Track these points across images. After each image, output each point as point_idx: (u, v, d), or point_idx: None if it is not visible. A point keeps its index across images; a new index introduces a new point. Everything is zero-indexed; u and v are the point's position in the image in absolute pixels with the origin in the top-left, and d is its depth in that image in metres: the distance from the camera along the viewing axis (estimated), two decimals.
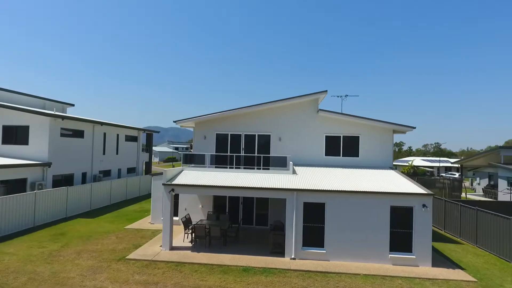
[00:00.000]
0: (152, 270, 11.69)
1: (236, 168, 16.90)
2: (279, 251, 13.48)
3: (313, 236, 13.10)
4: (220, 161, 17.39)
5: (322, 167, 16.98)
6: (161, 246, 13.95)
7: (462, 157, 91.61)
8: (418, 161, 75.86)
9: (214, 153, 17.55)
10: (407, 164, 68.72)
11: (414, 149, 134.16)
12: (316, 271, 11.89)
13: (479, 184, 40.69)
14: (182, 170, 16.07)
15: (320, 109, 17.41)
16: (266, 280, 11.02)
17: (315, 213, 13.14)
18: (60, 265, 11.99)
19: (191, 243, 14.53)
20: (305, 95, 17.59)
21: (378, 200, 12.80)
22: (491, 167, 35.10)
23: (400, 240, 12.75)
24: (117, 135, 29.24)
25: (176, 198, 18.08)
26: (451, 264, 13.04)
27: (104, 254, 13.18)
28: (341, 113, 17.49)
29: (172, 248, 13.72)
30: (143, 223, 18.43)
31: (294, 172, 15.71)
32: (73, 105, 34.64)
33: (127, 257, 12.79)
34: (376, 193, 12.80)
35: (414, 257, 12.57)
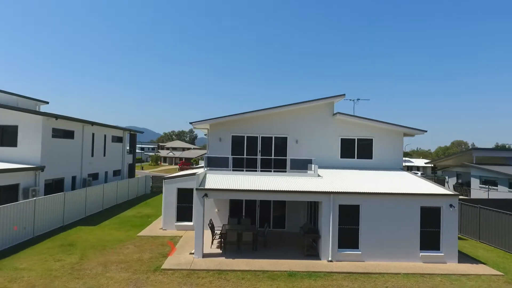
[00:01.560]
0: (196, 279, 11.15)
1: (254, 170, 16.67)
2: (313, 254, 13.56)
3: (348, 237, 13.33)
4: (237, 164, 17.08)
5: (339, 169, 17.31)
6: (191, 253, 13.36)
7: (421, 157, 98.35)
8: None
9: (240, 156, 17.25)
10: None
11: None
12: (357, 272, 12.11)
13: (447, 182, 43.97)
14: (206, 174, 15.50)
15: (339, 112, 17.73)
16: (317, 285, 11.00)
17: (349, 215, 13.37)
18: (92, 279, 10.99)
19: (220, 249, 14.07)
20: (322, 98, 17.83)
21: (409, 201, 13.35)
22: (461, 167, 38.09)
23: (429, 238, 13.40)
24: (105, 135, 27.46)
25: (189, 202, 17.42)
26: (472, 259, 13.95)
27: (134, 265, 12.31)
28: (356, 116, 17.96)
29: (204, 255, 13.19)
30: (154, 230, 17.49)
31: (318, 174, 15.84)
32: (47, 102, 31.88)
33: (162, 267, 12.06)
34: (408, 195, 13.35)
35: (443, 254, 13.29)
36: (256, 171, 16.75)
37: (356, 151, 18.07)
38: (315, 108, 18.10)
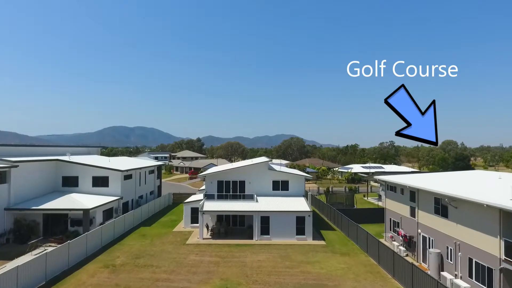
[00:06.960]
0: (201, 247, 29.09)
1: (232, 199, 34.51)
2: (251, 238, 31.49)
3: (265, 230, 31.06)
4: (220, 196, 34.78)
5: (271, 197, 34.90)
6: (197, 238, 31.25)
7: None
8: (358, 168, 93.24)
9: (224, 193, 35.18)
10: (347, 171, 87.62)
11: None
12: (269, 244, 29.83)
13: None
14: (204, 202, 33.27)
15: (271, 169, 35.47)
16: (255, 250, 28.76)
17: (266, 220, 31.10)
18: (158, 247, 29.03)
19: (210, 236, 31.90)
20: (262, 162, 35.56)
21: (292, 213, 31.04)
22: None
23: (299, 230, 31.05)
24: (145, 170, 45.51)
25: (196, 214, 35.36)
26: (321, 238, 31.47)
27: (174, 242, 30.30)
28: (279, 171, 35.54)
29: (204, 238, 31.10)
30: (180, 228, 35.47)
31: (256, 200, 33.68)
32: None
33: (186, 243, 29.98)
34: (291, 212, 31.08)
35: (305, 237, 30.97)
36: (227, 199, 34.51)
37: (280, 186, 35.79)
38: (260, 165, 35.86)
